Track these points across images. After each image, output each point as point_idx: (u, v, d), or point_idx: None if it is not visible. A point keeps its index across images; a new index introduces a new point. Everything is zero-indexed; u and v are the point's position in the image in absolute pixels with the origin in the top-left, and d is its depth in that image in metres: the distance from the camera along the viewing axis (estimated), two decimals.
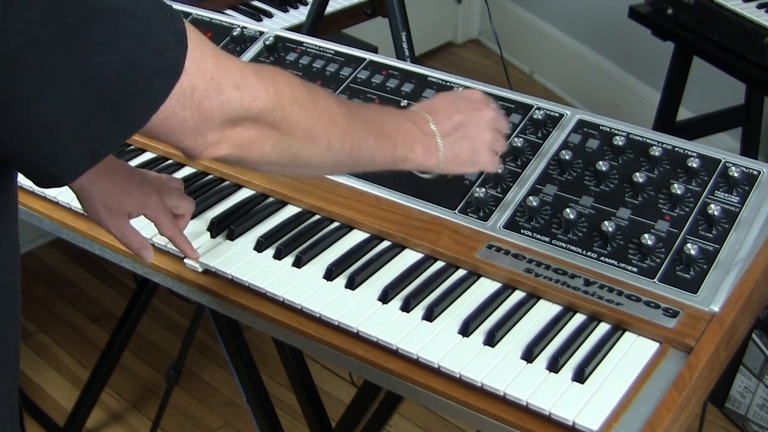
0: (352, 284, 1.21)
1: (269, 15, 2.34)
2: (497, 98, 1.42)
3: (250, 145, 0.98)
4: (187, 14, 1.74)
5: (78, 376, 2.59)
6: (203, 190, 1.42)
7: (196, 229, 1.34)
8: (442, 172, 1.23)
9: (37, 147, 0.80)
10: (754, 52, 2.09)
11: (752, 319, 1.27)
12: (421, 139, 1.18)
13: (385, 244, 1.29)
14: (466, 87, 1.44)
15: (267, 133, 0.99)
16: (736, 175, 1.24)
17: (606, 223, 1.21)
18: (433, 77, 1.48)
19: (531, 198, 1.26)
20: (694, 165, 1.25)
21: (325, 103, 1.07)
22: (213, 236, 1.32)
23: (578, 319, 1.15)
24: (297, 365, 1.90)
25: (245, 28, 1.66)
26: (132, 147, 1.53)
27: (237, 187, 1.43)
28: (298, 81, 1.04)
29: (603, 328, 1.14)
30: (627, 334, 1.13)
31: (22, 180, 1.45)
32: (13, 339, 0.99)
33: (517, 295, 1.19)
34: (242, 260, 1.26)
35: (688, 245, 1.16)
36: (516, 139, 1.35)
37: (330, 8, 2.25)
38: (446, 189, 1.33)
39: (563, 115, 1.38)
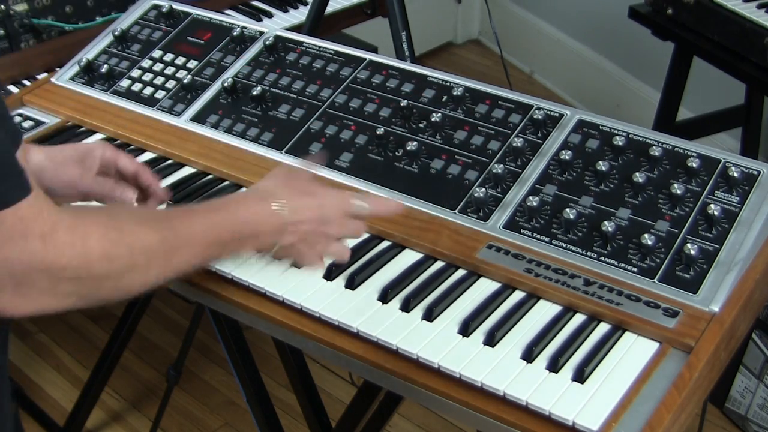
0: (352, 284, 1.21)
1: (269, 15, 2.34)
2: (497, 98, 1.42)
3: (47, 304, 0.94)
4: (187, 14, 1.74)
5: (78, 376, 2.59)
6: (203, 190, 1.42)
7: None
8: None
9: None
10: (754, 52, 2.09)
11: (752, 319, 1.26)
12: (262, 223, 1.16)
13: (385, 244, 1.29)
14: (467, 87, 1.44)
15: (69, 288, 0.95)
16: (736, 175, 1.24)
17: (606, 223, 1.21)
18: (433, 77, 1.48)
19: (531, 198, 1.26)
20: (694, 165, 1.25)
21: (144, 249, 1.02)
22: None
23: (578, 319, 1.15)
24: (297, 365, 1.90)
25: (245, 28, 1.66)
26: (132, 147, 1.53)
27: (237, 187, 1.43)
28: (116, 229, 0.99)
29: (603, 328, 1.14)
30: (627, 334, 1.13)
31: None
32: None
33: (517, 295, 1.19)
34: (242, 260, 1.26)
35: (688, 245, 1.17)
36: (516, 139, 1.35)
37: (330, 8, 2.25)
38: (446, 189, 1.33)
39: (563, 115, 1.38)
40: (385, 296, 1.19)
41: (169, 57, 1.67)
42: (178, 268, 1.08)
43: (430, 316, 1.15)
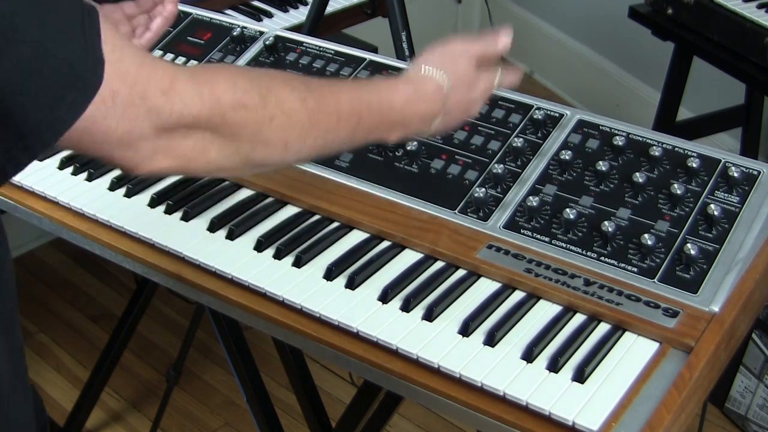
0: (352, 284, 1.21)
1: (269, 15, 2.34)
2: (497, 98, 1.42)
3: (191, 154, 0.91)
4: (187, 14, 1.74)
5: (78, 376, 2.59)
6: (203, 190, 1.42)
7: (197, 229, 1.34)
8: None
9: None
10: (754, 52, 2.09)
11: (752, 319, 1.26)
12: (415, 111, 1.15)
13: (385, 244, 1.29)
14: None
15: (208, 139, 0.92)
16: (736, 175, 1.24)
17: (606, 223, 1.21)
18: None
19: (531, 198, 1.26)
20: (694, 165, 1.25)
21: (281, 102, 0.98)
22: (213, 236, 1.32)
23: (578, 319, 1.15)
24: (297, 365, 1.90)
25: (245, 28, 1.66)
26: None
27: (237, 187, 1.42)
28: (245, 78, 0.96)
29: (603, 328, 1.14)
30: (627, 334, 1.13)
31: (22, 180, 1.45)
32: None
33: (517, 295, 1.19)
34: (242, 260, 1.26)
35: (688, 245, 1.17)
36: (516, 139, 1.35)
37: (330, 8, 2.25)
38: (446, 189, 1.33)
39: (563, 115, 1.38)
40: (385, 296, 1.19)
41: (169, 57, 1.67)
42: (319, 139, 1.03)
43: (430, 316, 1.15)
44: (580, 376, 1.05)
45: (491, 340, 1.11)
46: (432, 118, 1.17)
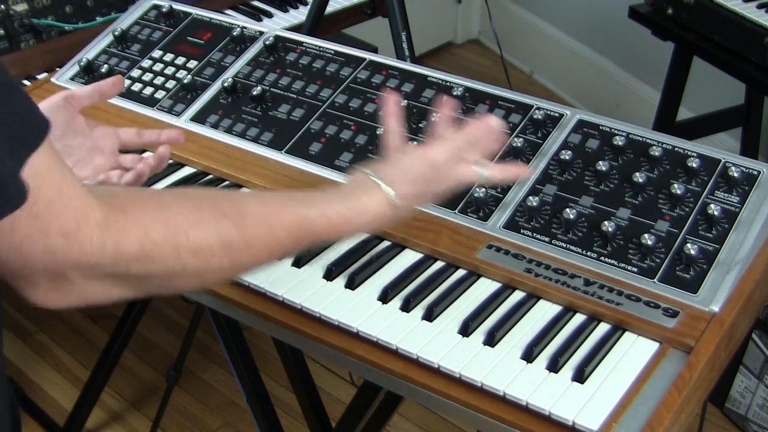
0: (352, 284, 1.21)
1: (269, 15, 2.34)
2: (497, 98, 1.42)
3: (91, 297, 0.85)
4: (187, 14, 1.74)
5: (78, 376, 2.59)
6: None
7: None
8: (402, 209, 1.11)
9: None
10: (754, 52, 2.09)
11: (752, 319, 1.26)
12: (356, 225, 1.07)
13: (385, 244, 1.29)
14: (467, 87, 1.44)
15: (110, 284, 0.85)
16: (736, 175, 1.24)
17: (606, 223, 1.21)
18: (433, 77, 1.48)
19: (531, 198, 1.26)
20: (694, 165, 1.25)
21: (198, 250, 0.89)
22: None
23: (578, 319, 1.15)
24: (297, 365, 1.90)
25: (245, 28, 1.66)
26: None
27: (237, 187, 1.42)
28: (162, 225, 0.86)
29: (603, 328, 1.14)
30: (627, 334, 1.13)
31: None
32: None
33: (517, 295, 1.19)
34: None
35: (688, 245, 1.17)
36: (516, 139, 1.35)
37: (330, 8, 2.25)
38: None
39: (563, 115, 1.38)
40: (385, 296, 1.19)
41: (169, 57, 1.67)
42: (246, 266, 0.97)
43: (430, 316, 1.15)
44: (580, 376, 1.05)
45: (491, 340, 1.11)
46: (381, 224, 1.09)
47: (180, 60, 1.66)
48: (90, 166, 1.20)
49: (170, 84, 1.62)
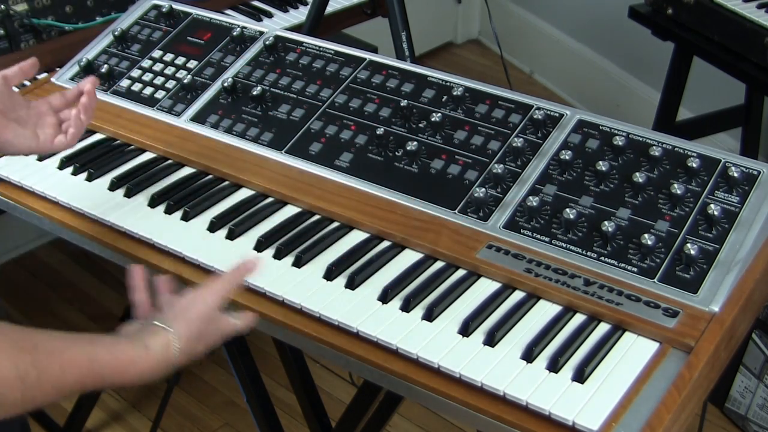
0: (352, 284, 1.21)
1: (269, 15, 2.34)
2: (497, 98, 1.42)
3: None
4: (187, 14, 1.74)
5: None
6: (203, 190, 1.42)
7: (197, 229, 1.34)
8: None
9: None
10: (754, 52, 2.09)
11: (752, 319, 1.26)
12: (141, 369, 1.08)
13: (385, 244, 1.29)
14: (467, 87, 1.44)
15: None
16: (736, 175, 1.24)
17: (606, 223, 1.21)
18: (433, 77, 1.48)
19: (531, 198, 1.26)
20: (694, 165, 1.25)
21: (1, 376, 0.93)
22: (213, 236, 1.32)
23: (578, 319, 1.15)
24: (297, 365, 1.90)
25: (245, 28, 1.66)
26: (132, 147, 1.53)
27: (237, 187, 1.43)
28: None
29: (603, 328, 1.14)
30: (627, 334, 1.13)
31: (22, 180, 1.45)
32: None
33: (517, 295, 1.19)
34: (242, 260, 1.26)
35: (688, 245, 1.16)
36: (516, 139, 1.35)
37: (330, 8, 2.25)
38: (446, 189, 1.33)
39: (563, 115, 1.38)
40: (385, 296, 1.19)
41: (169, 57, 1.67)
42: (35, 404, 0.98)
43: (430, 316, 1.15)
44: (580, 376, 1.05)
45: (491, 340, 1.11)
46: (165, 365, 1.11)
47: (180, 60, 1.66)
48: (47, 125, 1.31)
49: (170, 84, 1.62)
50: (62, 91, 1.37)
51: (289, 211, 1.37)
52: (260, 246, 1.29)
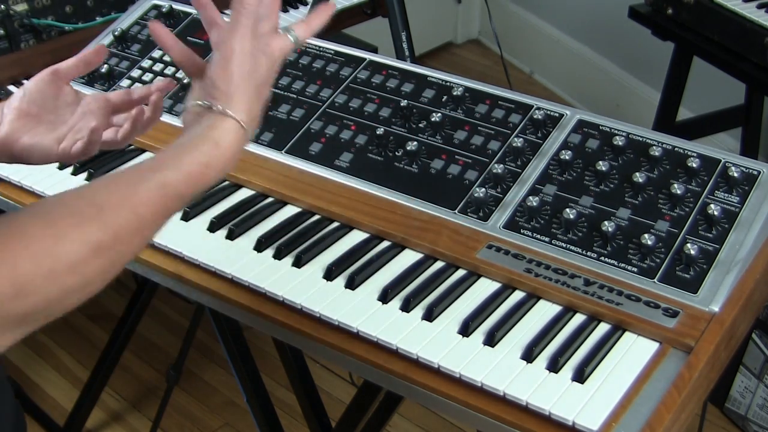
0: (352, 284, 1.21)
1: None
2: (497, 98, 1.42)
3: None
4: (187, 14, 1.74)
5: (78, 376, 2.59)
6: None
7: (197, 229, 1.34)
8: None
9: None
10: (754, 52, 2.09)
11: (752, 319, 1.27)
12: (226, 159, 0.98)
13: (385, 244, 1.29)
14: (467, 87, 1.44)
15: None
16: (736, 175, 1.24)
17: (606, 223, 1.21)
18: (433, 77, 1.48)
19: (531, 198, 1.26)
20: (694, 165, 1.25)
21: (73, 265, 0.83)
22: (213, 236, 1.32)
23: (578, 319, 1.15)
24: (297, 365, 1.90)
25: None
26: (132, 147, 1.53)
27: (237, 187, 1.43)
28: (28, 254, 0.80)
29: (603, 328, 1.14)
30: (627, 334, 1.13)
31: (21, 179, 1.45)
32: None
33: (517, 295, 1.19)
34: (242, 260, 1.26)
35: (688, 245, 1.17)
36: (516, 139, 1.35)
37: None
38: (446, 189, 1.33)
39: (563, 115, 1.38)
40: (385, 296, 1.19)
41: (169, 57, 1.67)
42: (127, 258, 0.90)
43: (430, 316, 1.15)
44: (580, 376, 1.05)
45: (491, 340, 1.11)
46: (240, 150, 1.01)
47: None
48: (85, 129, 1.15)
49: None
50: (129, 89, 1.25)
51: (289, 211, 1.37)
52: (260, 246, 1.29)
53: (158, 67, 1.65)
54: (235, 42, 1.03)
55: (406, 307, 1.17)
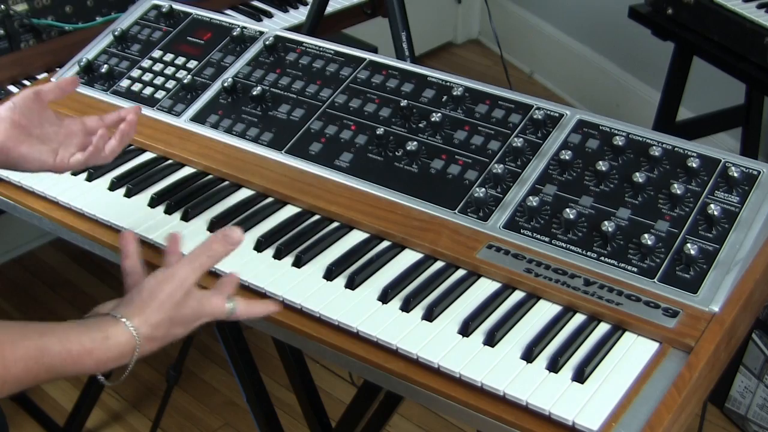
0: (352, 284, 1.21)
1: (269, 15, 2.34)
2: (497, 98, 1.42)
3: None
4: (187, 14, 1.74)
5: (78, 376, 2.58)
6: (203, 190, 1.42)
7: (197, 229, 1.34)
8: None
9: None
10: (754, 52, 2.09)
11: (752, 319, 1.27)
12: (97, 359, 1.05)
13: (385, 244, 1.29)
14: (467, 87, 1.44)
15: None
16: (736, 175, 1.24)
17: (606, 223, 1.21)
18: (433, 77, 1.48)
19: (531, 198, 1.26)
20: (694, 165, 1.25)
21: None
22: None
23: (578, 319, 1.15)
24: (297, 365, 1.90)
25: (245, 28, 1.66)
26: (132, 147, 1.53)
27: (237, 187, 1.43)
28: None
29: (603, 328, 1.14)
30: (627, 334, 1.13)
31: (21, 179, 1.45)
32: None
33: (517, 295, 1.19)
34: (242, 260, 1.26)
35: (688, 245, 1.16)
36: (516, 139, 1.35)
37: (330, 8, 2.25)
38: (446, 189, 1.33)
39: (563, 115, 1.38)
40: (385, 296, 1.19)
41: (169, 57, 1.67)
42: None
43: (430, 316, 1.15)
44: (580, 376, 1.05)
45: (491, 340, 1.11)
46: (129, 355, 1.09)
47: (180, 60, 1.66)
48: (72, 146, 1.26)
49: (170, 84, 1.62)
50: (102, 115, 1.32)
51: (289, 211, 1.37)
52: (260, 246, 1.29)
53: (158, 67, 1.65)
54: (182, 270, 1.09)
55: (406, 307, 1.17)
